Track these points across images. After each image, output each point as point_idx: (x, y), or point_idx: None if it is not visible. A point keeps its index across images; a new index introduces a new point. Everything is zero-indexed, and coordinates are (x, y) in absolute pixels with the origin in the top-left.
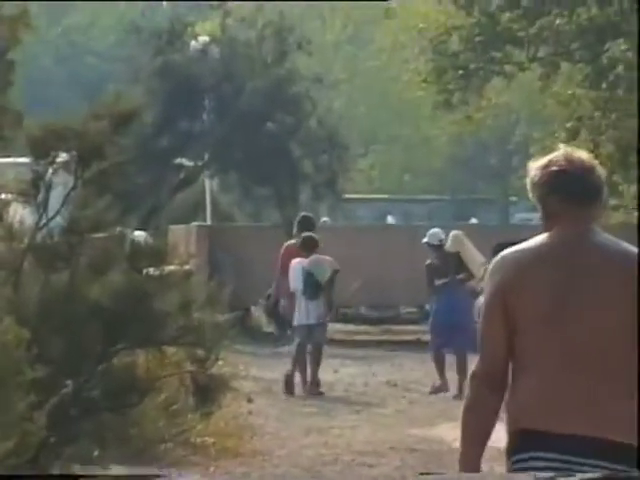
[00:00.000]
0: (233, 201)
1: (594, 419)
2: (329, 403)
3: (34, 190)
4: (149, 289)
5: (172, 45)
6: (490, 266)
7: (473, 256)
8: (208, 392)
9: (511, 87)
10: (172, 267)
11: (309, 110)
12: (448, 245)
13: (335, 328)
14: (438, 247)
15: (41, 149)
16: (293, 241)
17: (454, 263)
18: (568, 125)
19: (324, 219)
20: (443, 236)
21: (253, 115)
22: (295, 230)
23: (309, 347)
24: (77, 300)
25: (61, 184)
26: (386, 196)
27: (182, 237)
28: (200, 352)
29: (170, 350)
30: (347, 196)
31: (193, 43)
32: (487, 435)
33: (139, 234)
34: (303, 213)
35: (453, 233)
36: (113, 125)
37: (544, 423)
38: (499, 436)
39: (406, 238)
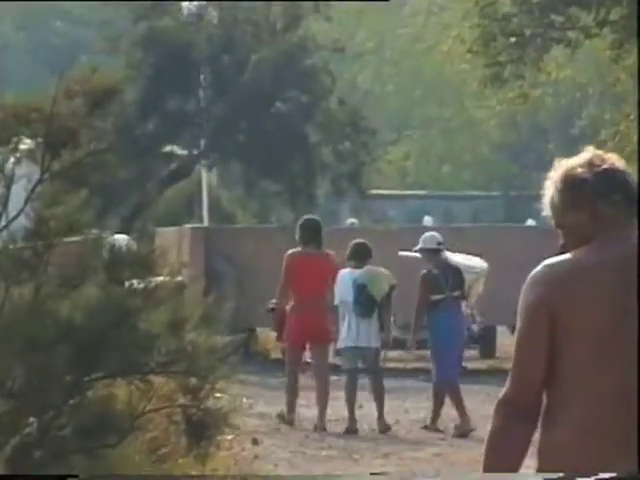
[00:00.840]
0: (235, 198)
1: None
2: (352, 445)
3: None
4: (132, 305)
5: (159, 7)
6: (532, 275)
7: (478, 286)
8: (203, 431)
9: (576, 58)
10: (160, 278)
11: (328, 86)
12: (466, 263)
13: None
14: (436, 252)
15: (0, 134)
16: (298, 249)
17: (452, 276)
18: None
19: (351, 220)
20: (442, 239)
21: (259, 93)
22: (298, 236)
23: (369, 379)
24: (44, 319)
25: (25, 177)
26: (422, 192)
27: (173, 242)
28: (194, 382)
29: (157, 380)
30: (375, 192)
31: (186, 5)
32: (515, 471)
33: (120, 238)
34: (307, 216)
35: (483, 263)
36: (88, 105)
37: (586, 465)
38: None
39: (447, 242)
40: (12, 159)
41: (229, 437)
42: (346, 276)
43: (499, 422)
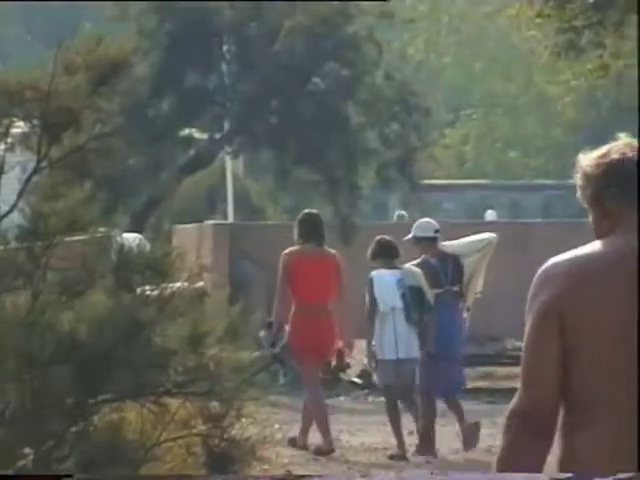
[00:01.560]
0: (265, 190)
1: None
2: (404, 478)
3: None
4: (145, 316)
5: None
6: (541, 272)
7: (479, 277)
8: (228, 464)
9: None
10: (178, 285)
11: (373, 59)
12: (468, 243)
13: None
14: (432, 241)
15: None
16: (297, 247)
17: (452, 267)
18: None
19: (399, 213)
20: (438, 226)
21: (292, 67)
22: (296, 233)
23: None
24: (42, 332)
25: (18, 166)
26: (484, 182)
27: (192, 241)
28: (216, 406)
29: (174, 403)
30: (428, 182)
31: None
32: None
33: (131, 237)
34: (307, 210)
35: (489, 235)
36: (92, 81)
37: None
38: None
39: (514, 241)
40: (2, 145)
41: (257, 469)
42: (387, 277)
43: (511, 437)
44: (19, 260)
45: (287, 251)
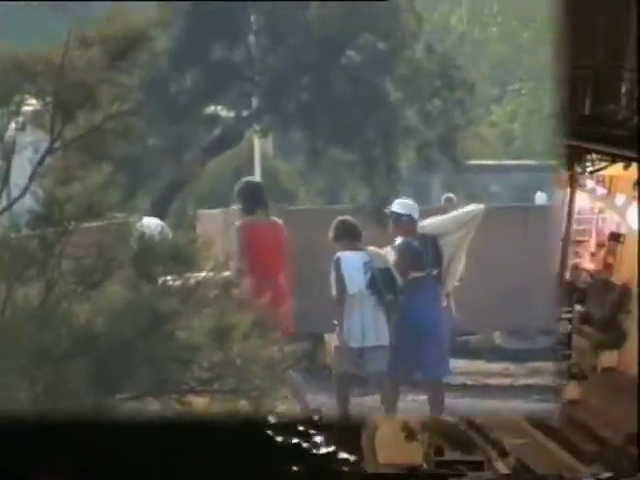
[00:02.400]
0: (296, 172)
1: None
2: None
3: None
4: (167, 308)
5: None
6: None
7: (460, 258)
8: None
9: None
10: (202, 274)
11: (412, 30)
12: (451, 219)
13: (455, 365)
14: (414, 223)
15: None
16: (250, 218)
17: (432, 249)
18: None
19: (448, 195)
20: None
21: (325, 39)
22: (240, 205)
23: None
24: (56, 326)
25: (30, 146)
26: (533, 162)
27: (218, 228)
28: (245, 405)
29: (199, 402)
30: (473, 162)
31: None
32: None
33: (153, 224)
34: (247, 178)
35: (476, 206)
36: (110, 55)
37: None
38: None
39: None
40: (13, 124)
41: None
42: (355, 259)
43: None
44: (32, 248)
45: (242, 223)
